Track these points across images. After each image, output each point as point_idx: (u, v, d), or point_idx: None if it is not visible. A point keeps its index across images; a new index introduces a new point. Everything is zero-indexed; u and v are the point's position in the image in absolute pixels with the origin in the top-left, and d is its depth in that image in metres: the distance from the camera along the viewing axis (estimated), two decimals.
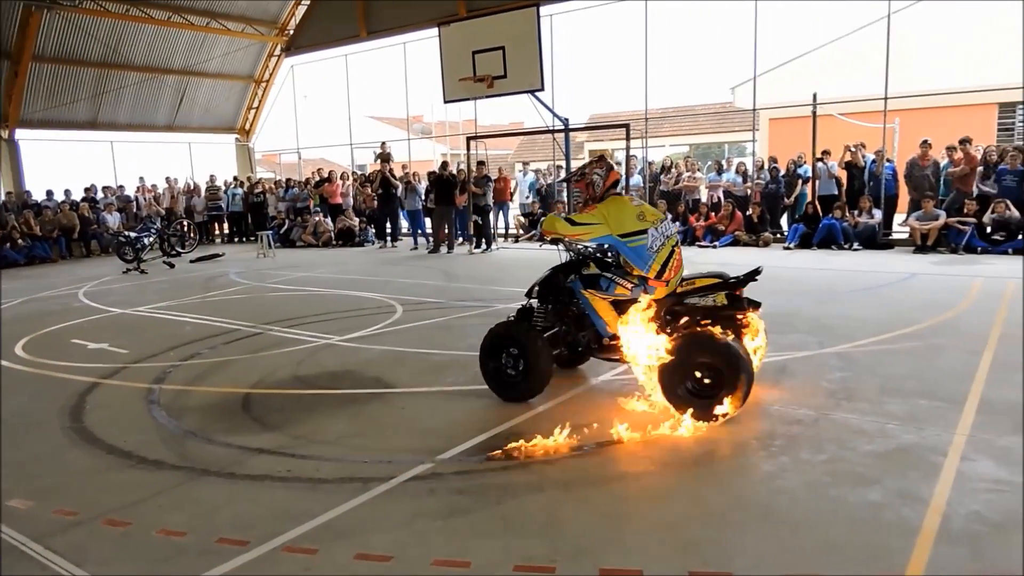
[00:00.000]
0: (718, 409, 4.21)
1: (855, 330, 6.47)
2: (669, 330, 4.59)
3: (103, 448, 4.41)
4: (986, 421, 4.14)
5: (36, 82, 18.54)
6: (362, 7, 19.21)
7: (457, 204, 15.32)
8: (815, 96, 13.92)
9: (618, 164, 17.16)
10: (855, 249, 12.52)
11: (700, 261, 11.84)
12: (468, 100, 15.35)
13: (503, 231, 17.25)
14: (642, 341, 4.52)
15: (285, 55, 22.45)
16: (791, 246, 13.16)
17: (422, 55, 18.44)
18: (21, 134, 18.96)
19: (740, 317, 4.66)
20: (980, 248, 11.48)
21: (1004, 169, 12.01)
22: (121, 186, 20.03)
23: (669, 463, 3.80)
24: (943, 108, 16.12)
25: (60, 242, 17.29)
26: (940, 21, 17.26)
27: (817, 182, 13.84)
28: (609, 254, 5.01)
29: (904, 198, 13.35)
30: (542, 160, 23.32)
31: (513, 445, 4.04)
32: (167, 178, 20.75)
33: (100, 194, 19.13)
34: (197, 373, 6.07)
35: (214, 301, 9.96)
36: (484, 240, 15.28)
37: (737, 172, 15.19)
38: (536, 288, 5.19)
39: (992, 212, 11.54)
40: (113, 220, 18.12)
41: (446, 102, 15.23)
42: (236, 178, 21.73)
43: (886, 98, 13.33)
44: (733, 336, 4.41)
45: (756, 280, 4.68)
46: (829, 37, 19.30)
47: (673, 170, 15.87)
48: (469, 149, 15.94)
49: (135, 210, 19.08)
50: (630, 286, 4.70)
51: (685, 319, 4.63)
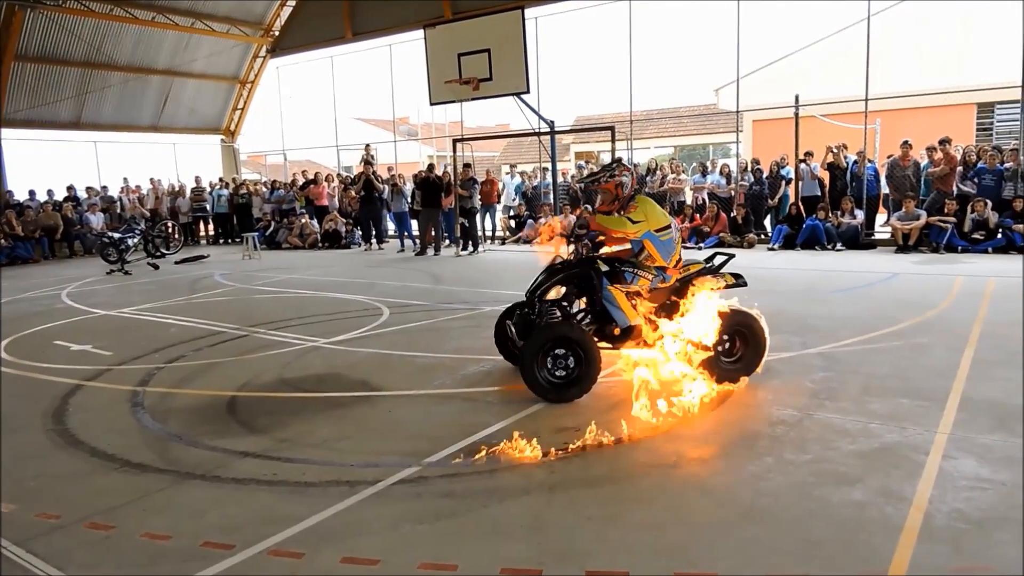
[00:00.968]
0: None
1: (838, 330, 6.54)
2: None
3: (86, 451, 4.37)
4: (967, 419, 4.20)
5: (19, 81, 18.37)
6: (347, 8, 19.16)
7: (443, 206, 15.31)
8: (797, 98, 14.05)
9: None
10: (838, 249, 12.65)
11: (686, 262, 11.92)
12: (454, 102, 15.36)
13: (490, 233, 17.25)
14: (695, 323, 5.02)
15: (270, 56, 22.35)
16: (775, 247, 13.27)
17: (408, 57, 18.44)
18: (4, 133, 18.77)
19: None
20: (960, 247, 11.64)
21: (983, 168, 12.19)
22: (105, 186, 19.85)
23: (654, 465, 3.82)
24: (923, 109, 16.32)
25: (43, 242, 17.13)
26: (919, 23, 17.47)
27: (800, 183, 13.97)
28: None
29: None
30: (528, 162, 23.35)
31: (499, 448, 4.04)
32: (151, 179, 20.60)
33: (83, 194, 18.95)
34: (182, 376, 6.03)
35: (199, 303, 9.90)
36: (471, 242, 15.28)
37: (721, 174, 15.30)
38: (543, 289, 5.22)
39: (972, 212, 11.71)
40: (96, 221, 17.96)
41: (432, 104, 15.25)
42: (221, 179, 21.59)
43: (867, 99, 13.47)
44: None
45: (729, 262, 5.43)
46: (811, 39, 19.50)
47: (658, 172, 15.94)
48: (455, 151, 15.94)
49: (119, 211, 18.91)
50: (651, 276, 5.15)
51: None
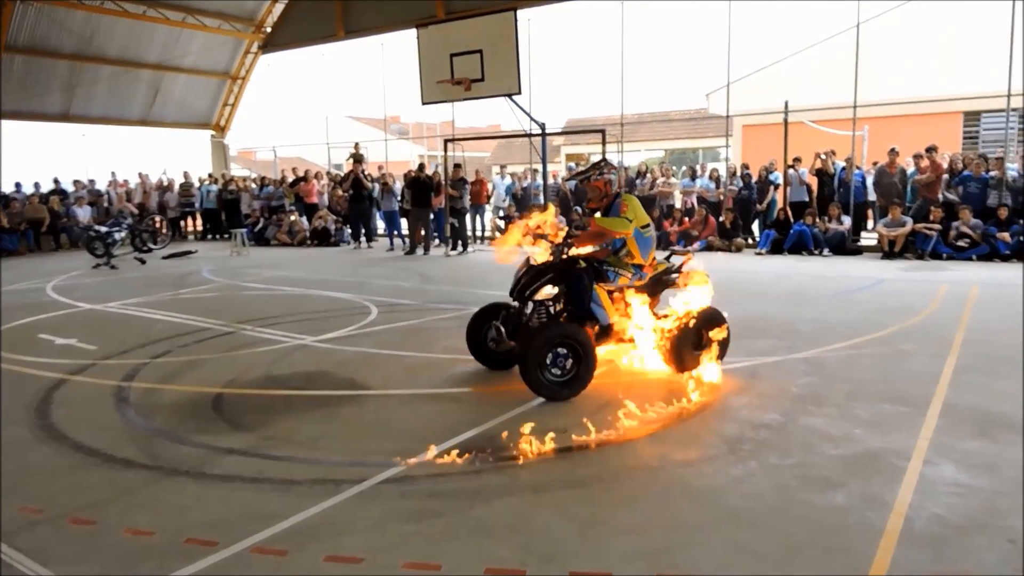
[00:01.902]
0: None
1: (824, 335, 6.60)
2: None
3: (70, 445, 4.34)
4: (949, 425, 4.25)
5: (8, 73, 18.16)
6: (340, 7, 19.10)
7: (433, 206, 15.30)
8: (787, 104, 14.15)
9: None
10: (825, 255, 12.75)
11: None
12: (446, 102, 15.35)
13: (480, 234, 17.26)
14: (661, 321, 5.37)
15: (262, 52, 22.25)
16: (763, 252, 13.36)
17: (400, 56, 18.45)
18: None
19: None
20: (945, 254, 11.76)
21: (968, 176, 12.33)
22: (92, 180, 19.69)
23: (639, 467, 3.84)
24: (910, 116, 16.48)
25: (28, 235, 16.97)
26: (907, 31, 17.63)
27: (788, 189, 14.07)
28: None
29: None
30: (519, 163, 23.38)
31: (485, 448, 4.05)
32: (140, 173, 20.44)
33: (70, 187, 18.79)
34: (168, 371, 5.99)
35: (186, 299, 9.84)
36: (460, 242, 15.28)
37: (710, 178, 15.38)
38: (532, 289, 5.24)
39: (957, 220, 11.83)
40: (83, 214, 17.82)
41: (424, 104, 15.21)
42: (211, 175, 21.47)
43: (855, 106, 13.59)
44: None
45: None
46: (801, 45, 19.65)
47: (648, 175, 16.01)
48: (446, 151, 15.93)
49: (106, 204, 18.76)
50: (629, 274, 5.34)
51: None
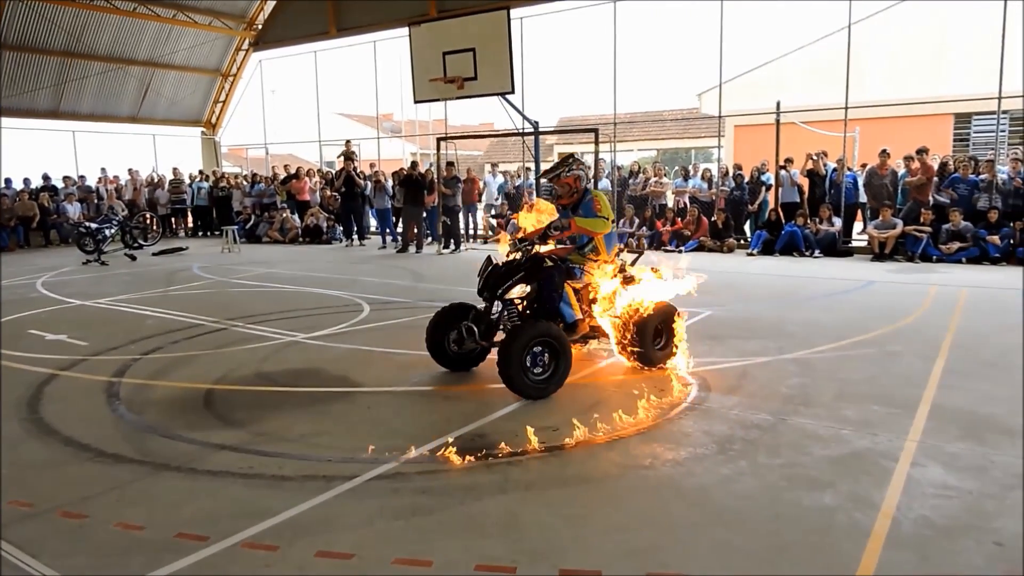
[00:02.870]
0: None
1: (814, 336, 6.65)
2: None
3: (60, 440, 4.33)
4: (936, 427, 4.29)
5: None
6: (332, 4, 19.05)
7: (426, 204, 15.29)
8: (778, 104, 14.21)
9: (587, 168, 17.28)
10: (816, 256, 12.82)
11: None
12: (438, 101, 15.33)
13: (472, 232, 17.26)
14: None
15: (253, 49, 22.16)
16: (754, 252, 13.42)
17: (392, 54, 18.39)
18: None
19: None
20: (935, 256, 11.84)
21: (956, 177, 12.41)
22: (83, 176, 19.57)
23: (629, 466, 3.86)
24: (901, 118, 16.60)
25: (18, 231, 16.86)
26: (899, 32, 17.76)
27: (780, 189, 14.14)
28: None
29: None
30: (512, 162, 23.39)
31: (476, 446, 4.07)
32: (130, 170, 20.33)
33: (60, 184, 18.67)
34: (158, 367, 5.98)
35: (177, 295, 9.80)
36: (452, 241, 15.28)
37: (703, 178, 15.44)
38: (504, 288, 5.24)
39: (948, 222, 11.92)
40: (74, 210, 17.71)
41: (416, 102, 15.20)
42: (201, 172, 21.38)
43: (847, 107, 13.67)
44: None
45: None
46: (792, 46, 19.75)
47: (641, 175, 16.05)
48: (439, 149, 15.93)
49: (96, 201, 18.65)
50: (594, 270, 5.42)
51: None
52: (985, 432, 4.18)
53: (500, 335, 5.28)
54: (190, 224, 20.55)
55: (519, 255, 5.34)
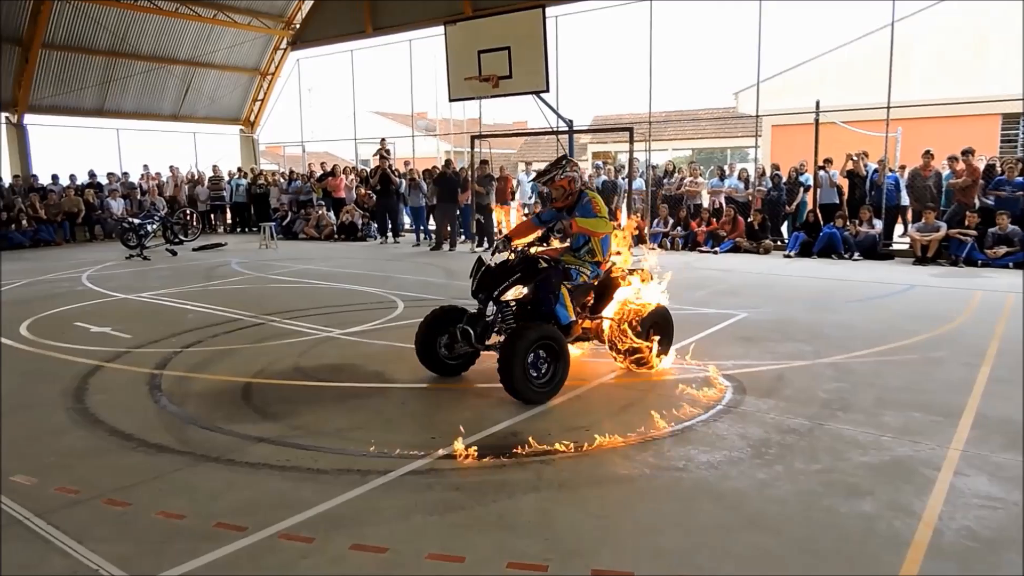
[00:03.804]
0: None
1: (852, 340, 6.52)
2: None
3: (105, 430, 4.46)
4: (981, 436, 4.18)
5: (45, 69, 18.60)
6: (368, 4, 19.24)
7: (460, 202, 15.36)
8: (818, 104, 13.96)
9: (621, 167, 17.20)
10: (855, 259, 12.56)
11: (701, 267, 11.91)
12: (473, 99, 15.39)
13: (504, 230, 17.28)
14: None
15: (291, 49, 22.49)
16: (791, 254, 13.20)
17: (427, 52, 18.49)
18: (29, 119, 19.03)
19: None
20: (981, 261, 11.52)
21: (1001, 180, 12.05)
22: (126, 173, 20.07)
23: (663, 467, 3.84)
24: (946, 118, 16.16)
25: (64, 226, 17.35)
26: (944, 30, 17.28)
27: (818, 190, 13.89)
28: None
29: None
30: (545, 160, 23.35)
31: (510, 444, 4.08)
32: (171, 167, 20.79)
33: (104, 180, 19.18)
34: (199, 360, 6.11)
35: (216, 290, 10.00)
36: (486, 238, 15.32)
37: (739, 178, 15.23)
38: (501, 290, 5.08)
39: (994, 226, 11.58)
40: (117, 206, 18.17)
41: (451, 101, 15.27)
42: (240, 169, 21.77)
43: (889, 107, 13.36)
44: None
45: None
46: (832, 44, 19.38)
47: (676, 175, 15.91)
48: (473, 148, 15.98)
49: (139, 197, 19.12)
50: (588, 271, 5.33)
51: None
52: None
53: (494, 338, 5.16)
54: (229, 220, 20.94)
55: (512, 256, 5.21)
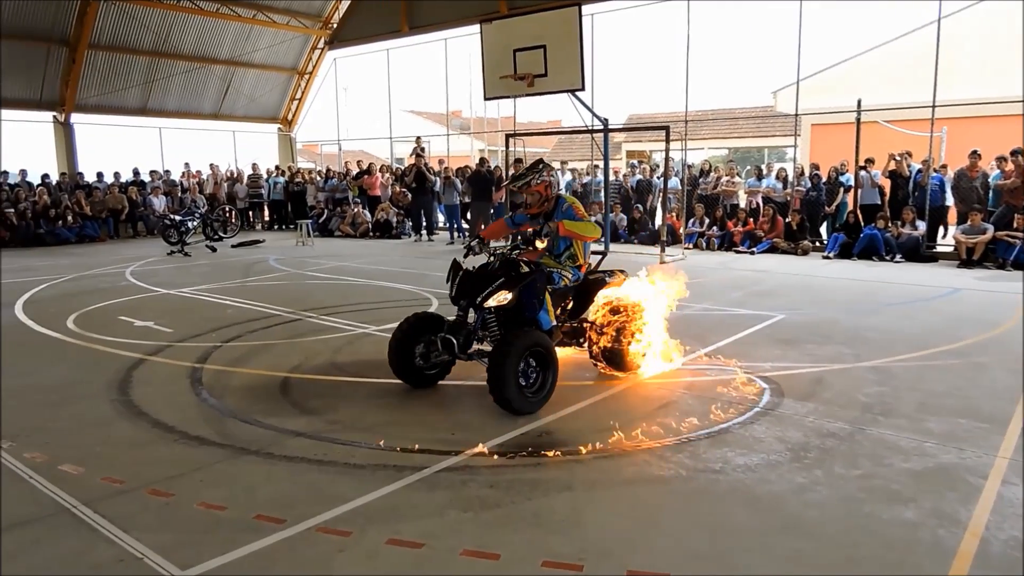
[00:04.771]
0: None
1: (894, 344, 6.37)
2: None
3: (148, 421, 4.57)
4: None
5: (91, 69, 19.11)
6: (405, 3, 19.37)
7: (494, 200, 15.39)
8: (859, 102, 13.66)
9: (656, 166, 17.06)
10: (897, 261, 12.28)
11: (737, 267, 11.75)
12: (508, 98, 15.39)
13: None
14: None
15: (328, 48, 22.77)
16: (830, 255, 12.96)
17: (462, 51, 18.57)
18: (76, 118, 19.57)
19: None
20: None
21: None
22: (168, 171, 20.53)
23: (699, 469, 3.80)
24: (993, 117, 15.66)
25: (109, 222, 17.82)
26: (992, 27, 16.76)
27: (859, 191, 13.60)
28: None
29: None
30: (579, 159, 23.28)
31: (544, 442, 4.08)
32: (211, 164, 21.21)
33: (147, 178, 19.65)
34: (238, 355, 6.23)
35: (254, 286, 10.18)
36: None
37: (777, 178, 15.00)
38: (484, 296, 4.79)
39: None
40: (159, 203, 18.60)
41: (487, 99, 15.27)
42: (278, 167, 22.12)
43: (934, 106, 13.01)
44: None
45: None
46: (875, 42, 18.94)
47: (712, 174, 15.72)
48: (508, 146, 15.99)
49: (180, 194, 19.55)
50: (570, 275, 5.16)
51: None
52: None
53: (476, 346, 4.94)
54: (266, 218, 21.29)
55: (491, 258, 5.01)
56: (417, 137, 18.47)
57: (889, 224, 12.71)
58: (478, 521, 3.24)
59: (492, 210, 15.55)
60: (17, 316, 7.98)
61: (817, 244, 13.98)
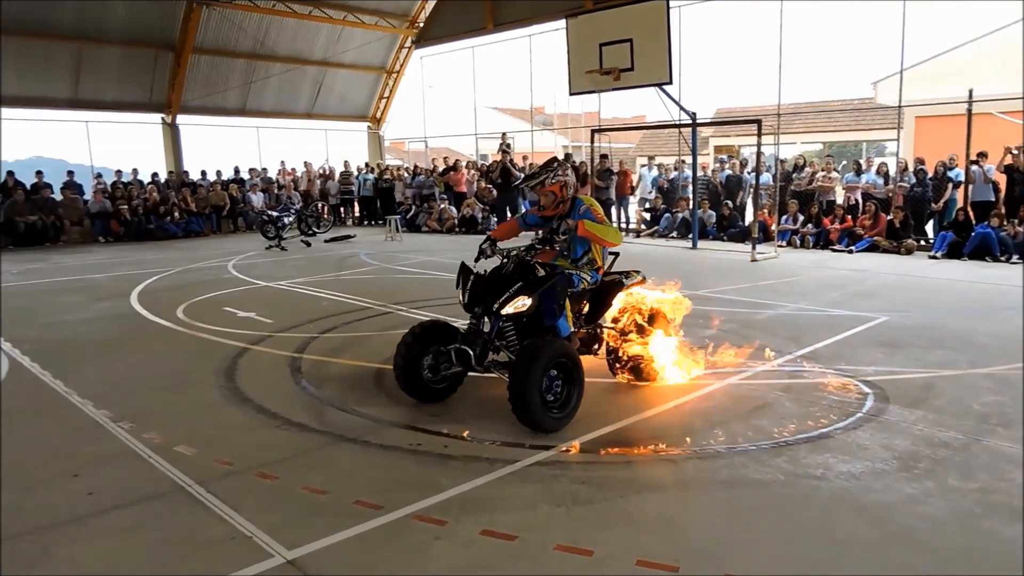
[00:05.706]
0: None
1: (1011, 350, 5.94)
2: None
3: (253, 408, 4.80)
4: None
5: (195, 72, 20.22)
6: (490, 2, 19.52)
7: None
8: (971, 92, 12.81)
9: (746, 161, 16.54)
10: (1013, 262, 11.43)
11: (835, 266, 11.26)
12: (594, 92, 15.28)
13: (623, 225, 17.08)
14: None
15: (415, 47, 23.25)
16: (937, 255, 12.20)
17: (546, 47, 18.54)
18: (181, 119, 20.78)
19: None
20: None
21: None
22: (265, 168, 21.50)
23: (799, 474, 3.67)
24: None
25: (212, 218, 18.84)
26: None
27: (970, 187, 12.76)
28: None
29: None
30: (665, 155, 22.84)
31: (638, 440, 4.04)
32: (305, 162, 22.06)
33: (246, 176, 20.65)
34: (333, 346, 6.46)
35: (347, 279, 10.52)
36: None
37: (878, 173, 14.25)
38: (501, 303, 4.43)
39: None
40: (257, 200, 19.50)
41: (572, 94, 15.23)
42: (367, 164, 22.76)
43: None
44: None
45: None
46: (989, 27, 17.67)
47: (807, 169, 15.11)
48: (593, 142, 15.88)
49: (276, 191, 20.43)
50: (589, 278, 4.85)
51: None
52: None
53: (492, 357, 4.59)
54: (357, 213, 21.96)
55: (505, 260, 4.68)
56: (503, 134, 18.61)
57: (1004, 222, 11.85)
58: (570, 516, 3.24)
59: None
60: (133, 306, 8.55)
61: (923, 243, 13.20)
